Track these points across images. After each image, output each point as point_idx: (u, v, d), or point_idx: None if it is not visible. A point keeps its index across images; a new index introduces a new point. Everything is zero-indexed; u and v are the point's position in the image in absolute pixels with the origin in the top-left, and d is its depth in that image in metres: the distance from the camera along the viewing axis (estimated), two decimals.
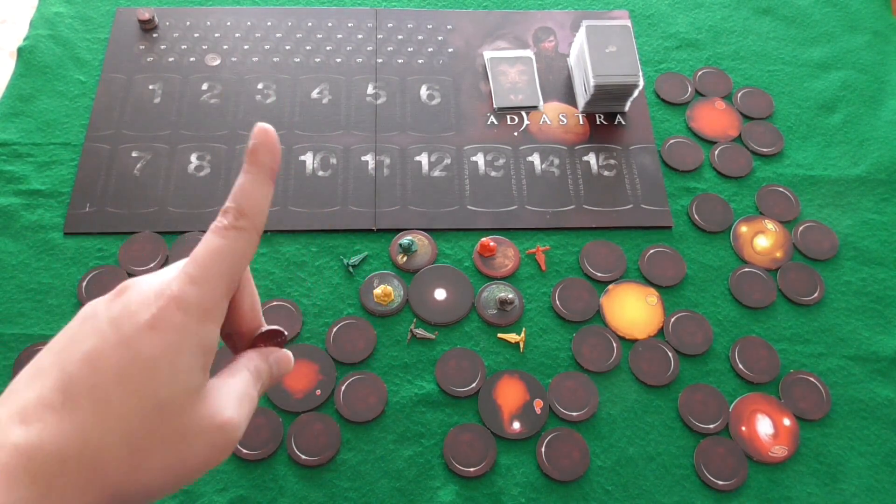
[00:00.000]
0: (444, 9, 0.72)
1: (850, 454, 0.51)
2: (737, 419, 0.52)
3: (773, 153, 0.65)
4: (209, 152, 0.62)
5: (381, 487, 0.48)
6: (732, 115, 0.67)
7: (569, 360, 0.54)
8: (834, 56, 0.71)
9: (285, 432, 0.50)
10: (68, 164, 0.60)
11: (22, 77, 0.64)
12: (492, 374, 0.53)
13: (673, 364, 0.54)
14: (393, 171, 0.61)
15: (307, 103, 0.65)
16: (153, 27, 0.68)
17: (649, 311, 0.56)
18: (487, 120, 0.65)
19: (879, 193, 0.63)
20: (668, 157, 0.64)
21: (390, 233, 0.59)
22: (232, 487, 0.48)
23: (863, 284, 0.58)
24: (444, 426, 0.51)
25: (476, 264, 0.58)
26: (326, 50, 0.68)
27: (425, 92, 0.66)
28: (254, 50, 0.68)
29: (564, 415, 0.51)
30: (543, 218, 0.60)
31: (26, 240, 0.56)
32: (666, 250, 0.59)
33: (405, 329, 0.55)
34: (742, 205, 0.62)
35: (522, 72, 0.68)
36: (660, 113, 0.67)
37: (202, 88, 0.65)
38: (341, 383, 0.52)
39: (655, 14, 0.73)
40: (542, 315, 0.56)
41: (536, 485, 0.49)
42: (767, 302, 0.57)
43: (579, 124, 0.65)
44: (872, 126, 0.67)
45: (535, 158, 0.63)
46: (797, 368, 0.54)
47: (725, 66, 0.70)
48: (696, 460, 0.50)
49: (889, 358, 0.55)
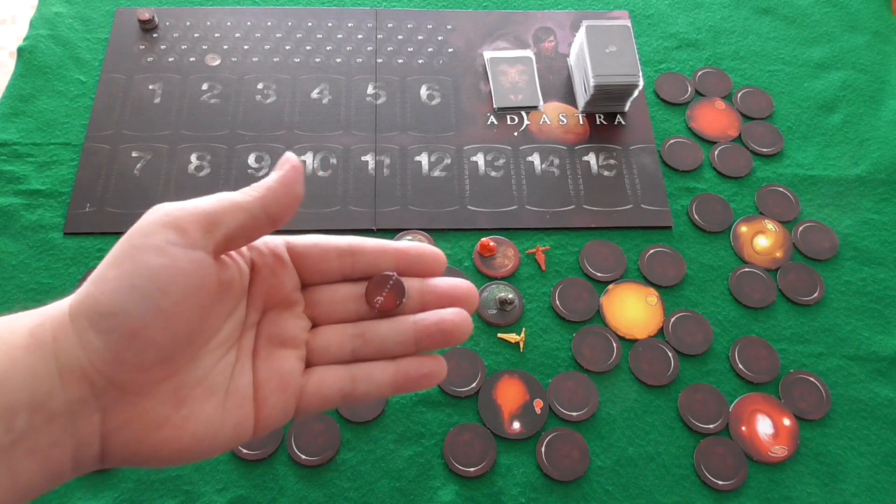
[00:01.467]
0: (444, 9, 0.72)
1: (850, 454, 0.51)
2: (737, 419, 0.52)
3: (773, 153, 0.65)
4: (209, 152, 0.62)
5: (381, 487, 0.48)
6: (732, 115, 0.67)
7: (569, 360, 0.54)
8: (834, 56, 0.71)
9: (285, 432, 0.50)
10: (68, 164, 0.60)
11: (22, 77, 0.64)
12: (492, 374, 0.53)
13: (673, 364, 0.54)
14: (393, 171, 0.61)
15: (307, 103, 0.65)
16: (153, 27, 0.68)
17: (649, 311, 0.56)
18: (487, 120, 0.65)
19: (879, 193, 0.63)
20: (668, 157, 0.64)
21: (390, 233, 0.59)
22: (232, 487, 0.48)
23: (863, 284, 0.58)
24: (444, 426, 0.51)
25: (476, 264, 0.58)
26: (326, 50, 0.68)
27: (425, 92, 0.66)
28: (254, 50, 0.68)
29: (564, 415, 0.51)
30: (543, 218, 0.60)
31: (26, 240, 0.56)
32: (666, 250, 0.59)
33: None
34: (742, 205, 0.62)
35: (522, 72, 0.68)
36: (660, 113, 0.67)
37: (202, 88, 0.65)
38: None
39: (655, 14, 0.73)
40: (542, 315, 0.56)
41: (536, 485, 0.49)
42: (767, 302, 0.57)
43: (579, 124, 0.65)
44: (872, 126, 0.67)
45: (535, 158, 0.63)
46: (797, 368, 0.54)
47: (725, 66, 0.70)
48: (696, 460, 0.50)
49: (889, 358, 0.55)
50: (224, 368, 0.28)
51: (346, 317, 0.31)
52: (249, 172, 0.61)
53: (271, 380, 0.29)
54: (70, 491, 0.47)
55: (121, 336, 0.25)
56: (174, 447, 0.26)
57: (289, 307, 0.31)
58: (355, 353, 0.31)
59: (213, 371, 0.28)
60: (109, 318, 0.25)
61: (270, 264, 0.30)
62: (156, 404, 0.26)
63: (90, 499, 0.47)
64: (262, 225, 0.29)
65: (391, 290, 0.31)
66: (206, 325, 0.27)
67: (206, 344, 0.28)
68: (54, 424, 0.25)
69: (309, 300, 0.31)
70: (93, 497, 0.47)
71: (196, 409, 0.27)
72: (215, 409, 0.27)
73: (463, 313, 0.30)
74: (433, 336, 0.30)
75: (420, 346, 0.30)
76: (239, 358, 0.29)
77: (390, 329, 0.30)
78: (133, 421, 0.26)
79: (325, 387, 0.30)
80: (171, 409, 0.26)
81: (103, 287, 0.25)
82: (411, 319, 0.30)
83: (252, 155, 0.62)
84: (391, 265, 0.31)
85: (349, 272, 0.32)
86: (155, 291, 0.25)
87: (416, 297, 0.31)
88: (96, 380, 0.25)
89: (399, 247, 0.32)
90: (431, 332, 0.30)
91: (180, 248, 0.26)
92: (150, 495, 0.47)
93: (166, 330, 0.25)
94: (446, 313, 0.30)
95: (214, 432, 0.27)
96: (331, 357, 0.30)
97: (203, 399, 0.27)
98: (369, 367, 0.30)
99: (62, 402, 0.25)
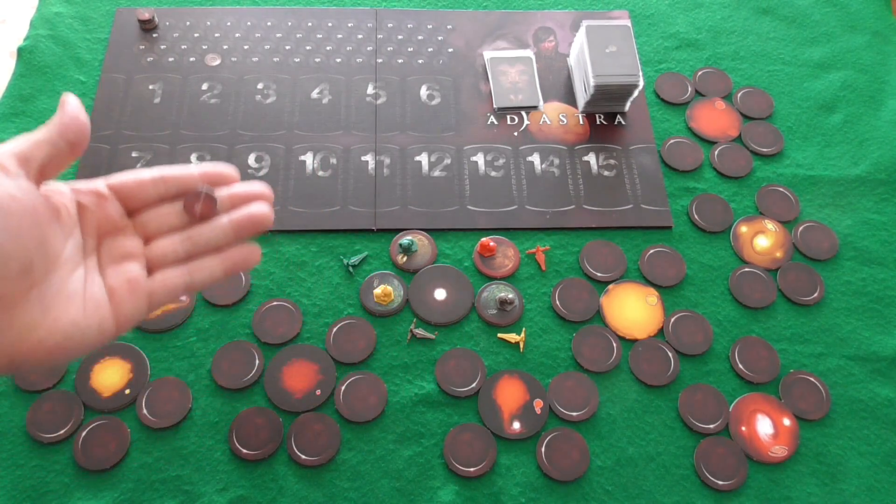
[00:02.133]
0: (444, 9, 0.72)
1: (850, 454, 0.51)
2: (737, 419, 0.52)
3: (773, 153, 0.65)
4: (209, 152, 0.62)
5: (381, 487, 0.48)
6: (732, 115, 0.67)
7: (569, 360, 0.54)
8: (834, 56, 0.71)
9: (285, 432, 0.50)
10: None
11: (22, 77, 0.64)
12: (492, 374, 0.53)
13: (673, 364, 0.54)
14: (393, 171, 0.61)
15: (307, 103, 0.65)
16: (153, 27, 0.68)
17: (649, 311, 0.56)
18: (487, 120, 0.65)
19: (879, 193, 0.63)
20: (668, 157, 0.64)
21: (390, 233, 0.59)
22: (232, 487, 0.48)
23: (863, 284, 0.58)
24: (444, 426, 0.51)
25: (476, 264, 0.58)
26: (326, 50, 0.68)
27: (425, 92, 0.66)
28: (254, 50, 0.68)
29: (564, 415, 0.51)
30: (543, 218, 0.60)
31: None
32: (666, 250, 0.59)
33: (405, 329, 0.55)
34: (742, 205, 0.62)
35: (522, 72, 0.68)
36: (660, 113, 0.67)
37: (202, 88, 0.65)
38: (341, 383, 0.52)
39: (655, 14, 0.73)
40: (542, 315, 0.56)
41: (536, 485, 0.49)
42: (767, 302, 0.57)
43: (579, 124, 0.65)
44: (872, 126, 0.67)
45: (535, 158, 0.63)
46: (797, 368, 0.54)
47: (725, 66, 0.70)
48: (696, 460, 0.50)
49: (889, 358, 0.55)
50: (76, 280, 0.34)
51: (173, 227, 0.38)
52: (250, 172, 0.61)
53: (121, 286, 0.35)
54: (70, 491, 0.47)
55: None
56: (49, 345, 0.32)
57: (120, 231, 0.37)
58: (188, 253, 0.38)
59: (68, 283, 0.34)
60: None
61: (94, 199, 0.36)
62: (26, 311, 0.32)
63: (90, 499, 0.47)
64: (64, 153, 0.34)
65: (206, 199, 0.38)
66: (51, 242, 0.33)
67: (56, 260, 0.33)
68: None
69: (138, 223, 0.38)
70: (93, 497, 0.47)
71: (61, 312, 0.33)
72: (77, 311, 0.33)
73: (264, 205, 0.39)
74: (245, 226, 0.38)
75: (239, 236, 0.39)
76: (88, 272, 0.35)
77: (211, 229, 0.38)
78: (10, 327, 0.31)
79: (169, 283, 0.37)
80: (40, 314, 0.32)
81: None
82: (226, 218, 0.38)
83: (252, 155, 0.62)
84: (197, 183, 0.38)
85: (164, 195, 0.38)
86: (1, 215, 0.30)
87: (225, 201, 0.39)
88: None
89: (201, 169, 0.39)
90: (244, 223, 0.38)
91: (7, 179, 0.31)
92: (150, 495, 0.47)
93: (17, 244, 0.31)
94: (252, 207, 0.39)
95: (81, 332, 0.33)
96: (168, 261, 0.38)
97: (65, 304, 0.33)
98: (201, 261, 0.38)
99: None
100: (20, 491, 0.47)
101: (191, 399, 0.51)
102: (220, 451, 0.49)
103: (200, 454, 0.49)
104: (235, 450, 0.49)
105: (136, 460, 0.48)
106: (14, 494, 0.47)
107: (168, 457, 0.49)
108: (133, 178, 0.38)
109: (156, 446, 0.49)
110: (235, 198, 0.39)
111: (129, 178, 0.38)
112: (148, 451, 0.49)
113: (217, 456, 0.49)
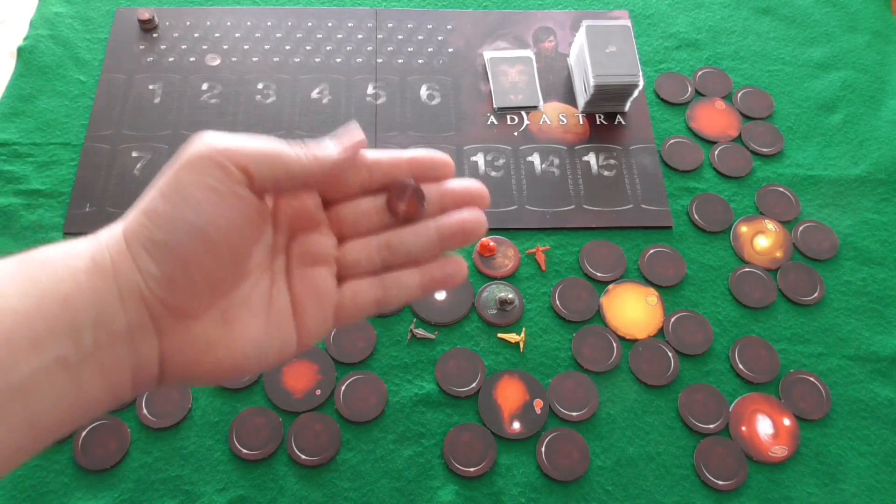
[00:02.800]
0: (444, 9, 0.72)
1: (850, 454, 0.51)
2: (737, 419, 0.52)
3: (773, 153, 0.65)
4: None
5: (381, 487, 0.48)
6: (732, 115, 0.67)
7: (569, 360, 0.54)
8: (834, 56, 0.71)
9: (285, 432, 0.50)
10: (68, 164, 0.60)
11: (22, 77, 0.64)
12: (492, 374, 0.53)
13: (673, 364, 0.54)
14: None
15: (307, 103, 0.65)
16: (153, 27, 0.68)
17: (649, 311, 0.56)
18: (487, 120, 0.65)
19: (879, 193, 0.63)
20: (668, 157, 0.64)
21: None
22: (232, 487, 0.48)
23: (863, 284, 0.58)
24: (444, 426, 0.51)
25: (476, 264, 0.58)
26: (326, 50, 0.68)
27: (425, 92, 0.66)
28: (254, 50, 0.68)
29: (564, 415, 0.51)
30: (543, 218, 0.60)
31: (26, 240, 0.56)
32: (666, 250, 0.59)
33: (405, 329, 0.55)
34: (742, 205, 0.62)
35: (522, 72, 0.68)
36: (660, 113, 0.67)
37: (202, 88, 0.65)
38: (341, 383, 0.52)
39: (655, 14, 0.73)
40: (542, 315, 0.56)
41: (536, 485, 0.49)
42: (767, 302, 0.57)
43: (579, 124, 0.65)
44: (872, 126, 0.67)
45: (535, 158, 0.63)
46: (797, 368, 0.54)
47: (725, 66, 0.70)
48: (696, 460, 0.50)
49: (889, 358, 0.55)
50: (262, 291, 0.30)
51: (371, 228, 0.32)
52: None
53: (308, 297, 0.31)
54: (70, 491, 0.47)
55: (174, 263, 0.27)
56: (226, 365, 0.29)
57: (314, 227, 0.32)
58: (384, 263, 0.32)
59: (252, 294, 0.30)
60: (163, 247, 0.27)
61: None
62: (207, 327, 0.28)
63: (90, 499, 0.47)
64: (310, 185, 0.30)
65: (412, 197, 0.31)
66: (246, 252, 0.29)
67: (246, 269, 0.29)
68: (117, 345, 0.27)
69: (333, 217, 0.32)
70: (93, 497, 0.47)
71: (243, 329, 0.29)
72: (260, 328, 0.29)
73: (478, 211, 0.32)
74: (456, 236, 0.32)
75: (444, 248, 0.32)
76: (274, 280, 0.31)
77: (415, 235, 0.32)
78: (189, 344, 0.28)
79: (360, 298, 0.32)
80: (221, 331, 0.28)
81: (156, 219, 0.27)
82: (433, 224, 0.32)
83: None
84: (406, 174, 0.32)
85: (367, 185, 0.32)
86: (205, 224, 0.27)
87: (434, 201, 0.32)
88: (153, 304, 0.27)
89: (411, 155, 0.32)
90: (455, 232, 0.31)
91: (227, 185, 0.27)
92: (150, 495, 0.47)
93: (214, 257, 0.27)
94: (465, 214, 0.32)
95: (262, 350, 0.29)
96: (362, 270, 0.32)
97: (248, 320, 0.29)
98: (398, 275, 0.32)
99: (123, 323, 0.27)
100: (20, 491, 0.47)
101: (191, 399, 0.51)
102: (220, 451, 0.49)
103: (200, 454, 0.49)
104: (235, 450, 0.49)
105: (136, 460, 0.48)
106: (14, 494, 0.47)
107: (168, 457, 0.49)
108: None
109: (156, 446, 0.49)
110: (447, 196, 0.32)
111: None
112: (148, 451, 0.49)
113: (217, 456, 0.49)
